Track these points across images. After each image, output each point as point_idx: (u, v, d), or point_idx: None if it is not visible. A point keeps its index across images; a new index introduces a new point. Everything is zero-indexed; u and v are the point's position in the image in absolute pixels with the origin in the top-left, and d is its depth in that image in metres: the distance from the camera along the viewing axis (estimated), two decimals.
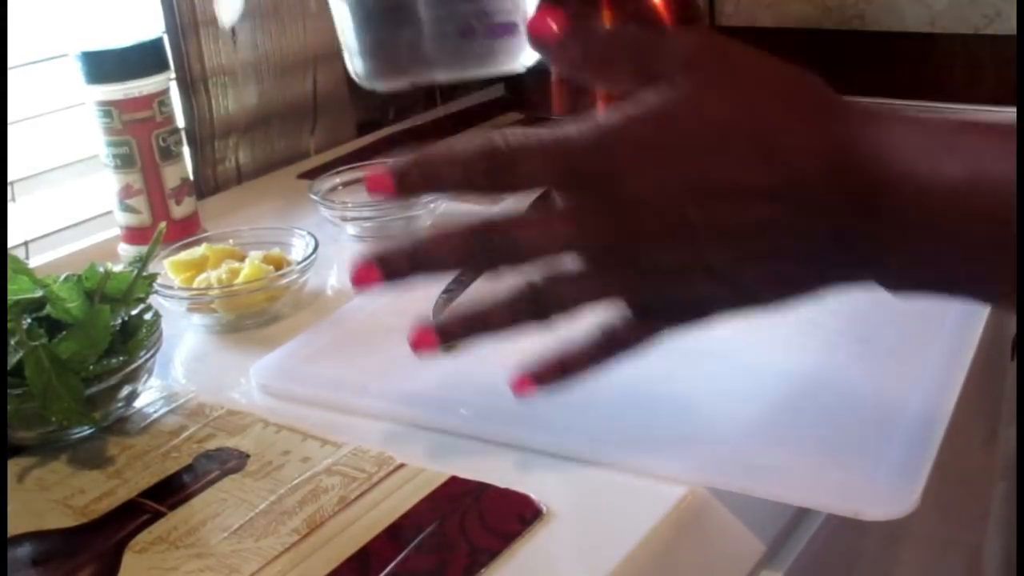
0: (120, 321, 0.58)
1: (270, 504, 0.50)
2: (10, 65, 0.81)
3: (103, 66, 0.75)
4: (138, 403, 0.60)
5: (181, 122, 0.88)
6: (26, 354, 0.53)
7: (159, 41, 0.77)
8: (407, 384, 0.59)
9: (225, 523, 0.49)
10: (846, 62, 1.13)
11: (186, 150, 0.83)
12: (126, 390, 0.57)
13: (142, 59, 0.75)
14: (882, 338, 0.52)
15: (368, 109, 1.10)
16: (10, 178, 0.83)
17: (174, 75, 0.88)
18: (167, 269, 0.70)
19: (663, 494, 0.48)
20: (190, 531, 0.49)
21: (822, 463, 0.49)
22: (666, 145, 0.42)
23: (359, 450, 0.54)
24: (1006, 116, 1.02)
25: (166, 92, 0.77)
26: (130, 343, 0.57)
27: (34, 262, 0.82)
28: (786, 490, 0.48)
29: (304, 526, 0.48)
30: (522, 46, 0.72)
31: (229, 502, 0.51)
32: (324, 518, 0.49)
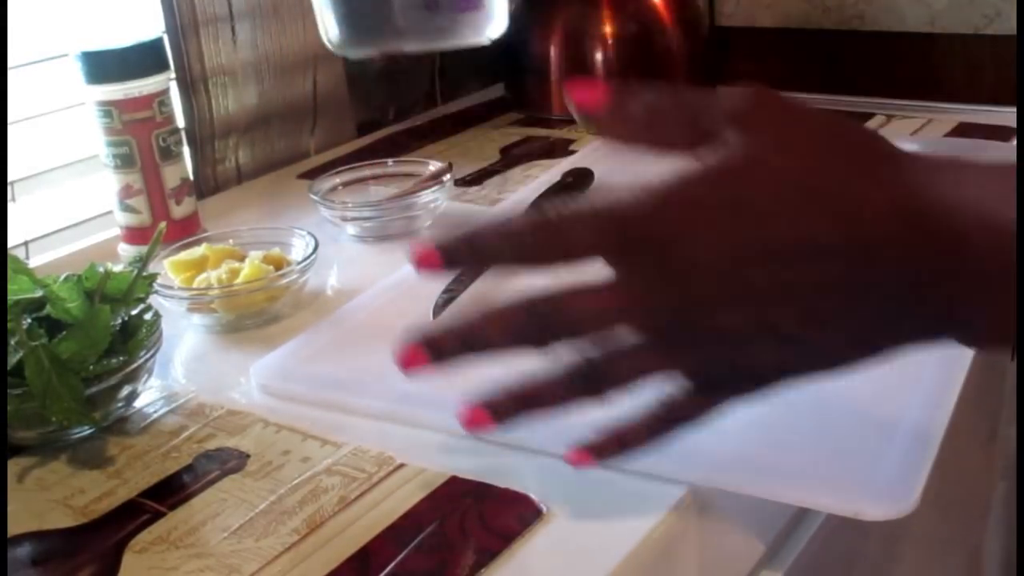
0: (120, 321, 0.58)
1: (270, 504, 0.50)
2: (10, 65, 0.81)
3: (103, 66, 0.75)
4: (138, 403, 0.60)
5: (181, 122, 0.88)
6: (26, 354, 0.53)
7: (159, 41, 0.77)
8: (407, 384, 0.59)
9: (225, 523, 0.49)
10: (846, 62, 1.13)
11: (186, 150, 0.83)
12: (126, 390, 0.57)
13: (142, 59, 0.75)
14: None
15: (368, 109, 1.10)
16: (10, 178, 0.83)
17: (174, 75, 0.88)
18: (167, 269, 0.70)
19: (663, 494, 0.48)
20: (190, 531, 0.49)
21: (822, 463, 0.49)
22: (725, 206, 0.40)
23: (359, 450, 0.54)
24: (1006, 116, 1.02)
25: (166, 92, 0.77)
26: (130, 343, 0.57)
27: (34, 262, 0.82)
28: (786, 490, 0.48)
29: (304, 526, 0.48)
30: (487, 19, 0.71)
31: (229, 502, 0.51)
32: (324, 518, 0.49)
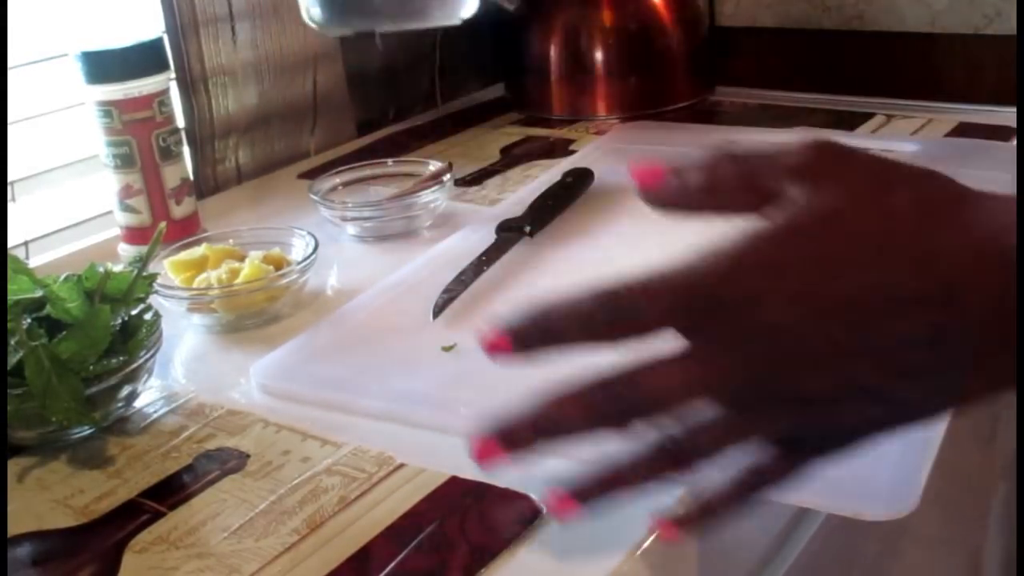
0: (120, 321, 0.58)
1: (270, 504, 0.50)
2: (10, 65, 0.81)
3: (103, 66, 0.75)
4: (138, 403, 0.60)
5: (181, 122, 0.88)
6: (26, 354, 0.53)
7: (159, 41, 0.77)
8: (407, 384, 0.59)
9: (225, 523, 0.49)
10: (846, 62, 1.13)
11: (186, 150, 0.83)
12: (126, 390, 0.57)
13: (142, 59, 0.75)
14: None
15: (368, 109, 1.10)
16: (10, 178, 0.83)
17: (174, 75, 0.88)
18: (167, 269, 0.70)
19: (663, 494, 0.48)
20: (190, 531, 0.49)
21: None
22: (800, 263, 0.38)
23: (359, 450, 0.54)
24: (1006, 116, 1.02)
25: (166, 92, 0.77)
26: (130, 343, 0.57)
27: (34, 262, 0.82)
28: (786, 490, 0.48)
29: (304, 526, 0.48)
30: (459, 2, 0.74)
31: (229, 502, 0.51)
32: (324, 518, 0.49)
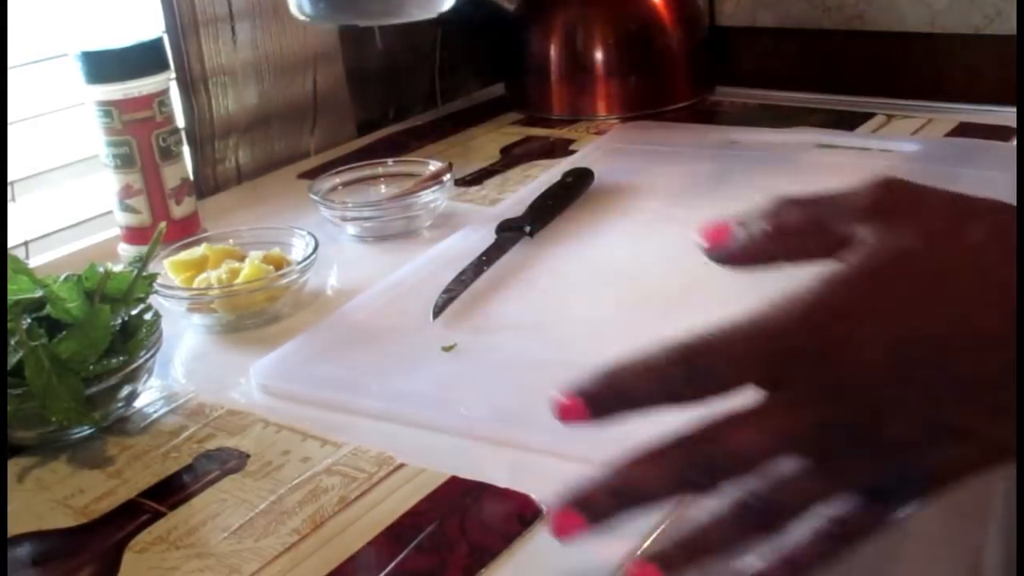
0: (120, 321, 0.58)
1: (270, 504, 0.50)
2: (10, 65, 0.81)
3: (103, 66, 0.75)
4: (138, 403, 0.60)
5: (181, 122, 0.88)
6: (26, 354, 0.53)
7: (159, 41, 0.77)
8: (407, 384, 0.59)
9: (225, 523, 0.49)
10: (846, 62, 1.13)
11: (186, 150, 0.83)
12: (126, 390, 0.57)
13: (142, 59, 0.75)
14: None
15: (368, 109, 1.10)
16: (10, 178, 0.83)
17: (174, 75, 0.88)
18: (167, 269, 0.70)
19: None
20: (190, 531, 0.49)
21: None
22: (881, 305, 0.38)
23: (359, 450, 0.54)
24: (1006, 116, 1.02)
25: (166, 92, 0.77)
26: (130, 343, 0.57)
27: (34, 262, 0.82)
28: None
29: (304, 526, 0.48)
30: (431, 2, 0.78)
31: (229, 502, 0.51)
32: (324, 518, 0.49)
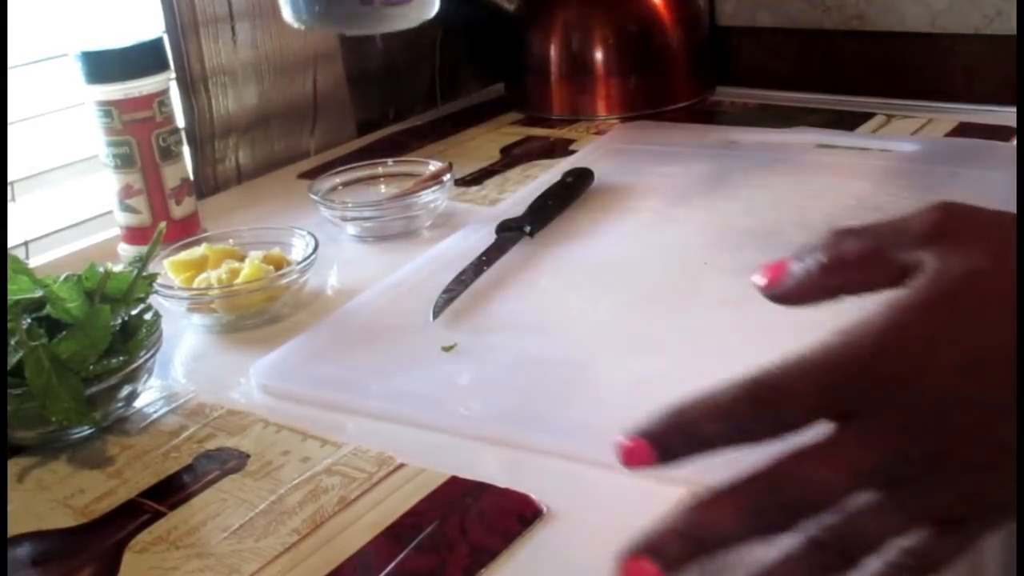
0: (120, 321, 0.58)
1: (270, 504, 0.50)
2: (10, 65, 0.81)
3: (103, 66, 0.75)
4: (138, 403, 0.60)
5: (181, 122, 0.88)
6: (26, 354, 0.53)
7: (159, 41, 0.77)
8: (407, 384, 0.59)
9: (225, 523, 0.49)
10: (846, 62, 1.13)
11: (186, 150, 0.83)
12: (126, 390, 0.57)
13: (142, 59, 0.75)
14: None
15: (368, 109, 1.10)
16: (10, 178, 0.83)
17: (174, 75, 0.88)
18: (167, 269, 0.70)
19: (663, 494, 0.48)
20: (190, 531, 0.49)
21: None
22: (952, 329, 0.37)
23: (359, 450, 0.54)
24: (1006, 116, 1.01)
25: (166, 92, 0.77)
26: (130, 343, 0.57)
27: (34, 262, 0.82)
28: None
29: (304, 526, 0.48)
30: (417, 9, 0.81)
31: (229, 502, 0.51)
32: (324, 518, 0.49)
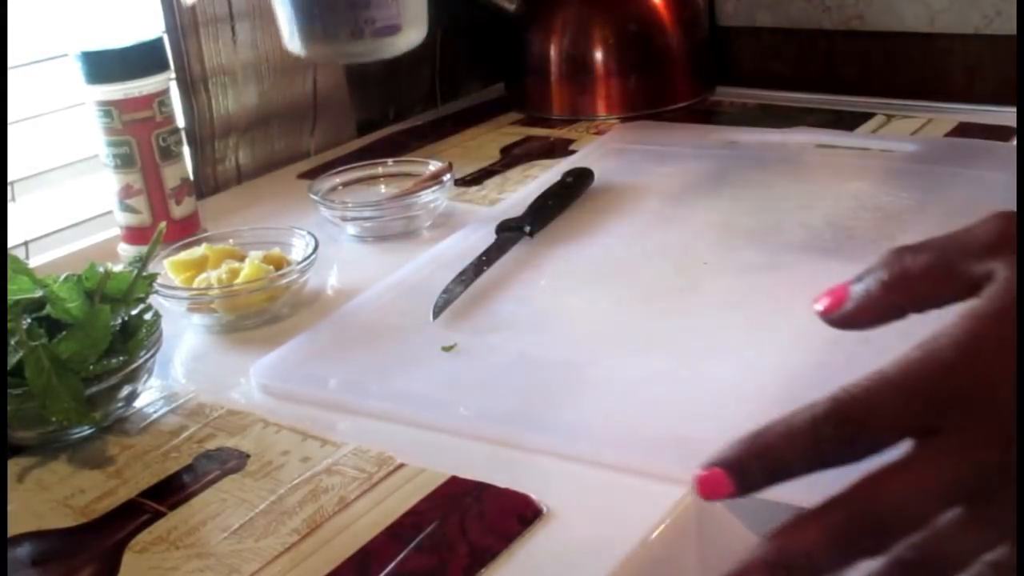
0: (120, 321, 0.58)
1: (270, 504, 0.50)
2: (10, 65, 0.81)
3: (103, 66, 0.75)
4: (138, 403, 0.60)
5: (181, 122, 0.88)
6: (26, 354, 0.53)
7: (159, 41, 0.77)
8: (407, 384, 0.59)
9: (225, 523, 0.49)
10: (846, 62, 1.13)
11: (186, 150, 0.83)
12: (126, 390, 0.57)
13: (142, 59, 0.75)
14: (882, 339, 0.52)
15: (368, 109, 1.10)
16: (10, 178, 0.83)
17: (174, 75, 0.88)
18: (167, 269, 0.70)
19: (663, 494, 0.48)
20: (190, 531, 0.49)
21: None
22: None
23: (359, 450, 0.54)
24: (1006, 116, 1.01)
25: (166, 92, 0.77)
26: (130, 343, 0.57)
27: (34, 262, 0.82)
28: (786, 490, 0.48)
29: (304, 526, 0.48)
30: (405, 38, 0.83)
31: (229, 502, 0.51)
32: (324, 518, 0.49)
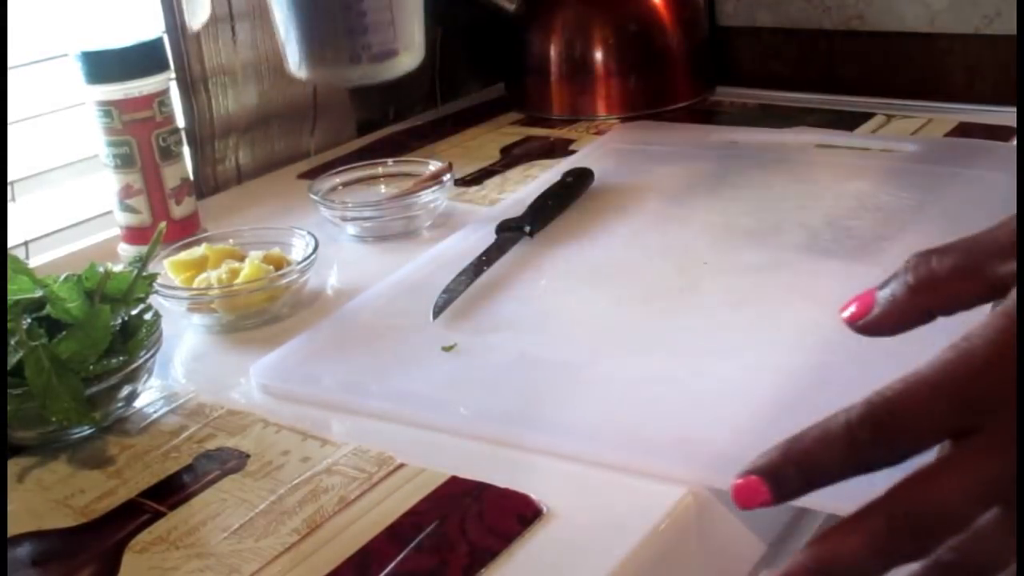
0: (120, 321, 0.58)
1: (270, 504, 0.50)
2: (10, 65, 0.81)
3: (103, 66, 0.75)
4: (138, 403, 0.60)
5: (181, 122, 0.88)
6: (26, 354, 0.53)
7: (159, 41, 0.77)
8: (407, 384, 0.59)
9: (225, 523, 0.49)
10: (846, 62, 1.13)
11: (186, 150, 0.83)
12: (126, 390, 0.57)
13: (142, 59, 0.75)
14: (882, 339, 0.53)
15: (368, 109, 1.10)
16: (10, 178, 0.83)
17: (174, 75, 0.88)
18: (167, 269, 0.70)
19: (663, 494, 0.48)
20: (190, 531, 0.49)
21: None
22: None
23: (359, 450, 0.54)
24: (1006, 116, 1.01)
25: (166, 92, 0.77)
26: (130, 343, 0.57)
27: (34, 262, 0.82)
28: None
29: (304, 526, 0.48)
30: (401, 62, 0.87)
31: (229, 502, 0.51)
32: (324, 518, 0.49)
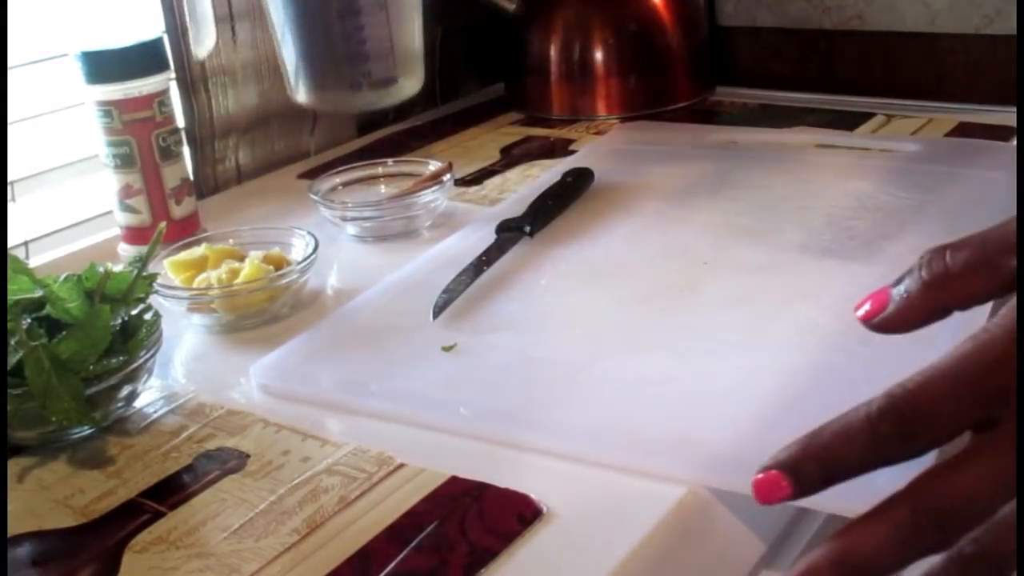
0: (120, 321, 0.58)
1: (270, 504, 0.50)
2: (10, 65, 0.81)
3: (103, 66, 0.75)
4: (138, 403, 0.60)
5: (181, 122, 0.88)
6: (26, 354, 0.53)
7: (159, 41, 0.77)
8: (407, 384, 0.59)
9: (225, 523, 0.49)
10: (846, 62, 1.13)
11: (186, 150, 0.83)
12: (126, 390, 0.57)
13: (142, 59, 0.75)
14: (882, 339, 0.53)
15: None
16: (10, 178, 0.83)
17: (174, 75, 0.88)
18: (167, 269, 0.70)
19: (663, 494, 0.48)
20: (190, 531, 0.49)
21: None
22: None
23: (359, 450, 0.54)
24: (1006, 116, 1.01)
25: (166, 92, 0.77)
26: (130, 343, 0.57)
27: (34, 262, 0.82)
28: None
29: (304, 526, 0.48)
30: (401, 88, 0.89)
31: (229, 502, 0.51)
32: (324, 518, 0.49)
